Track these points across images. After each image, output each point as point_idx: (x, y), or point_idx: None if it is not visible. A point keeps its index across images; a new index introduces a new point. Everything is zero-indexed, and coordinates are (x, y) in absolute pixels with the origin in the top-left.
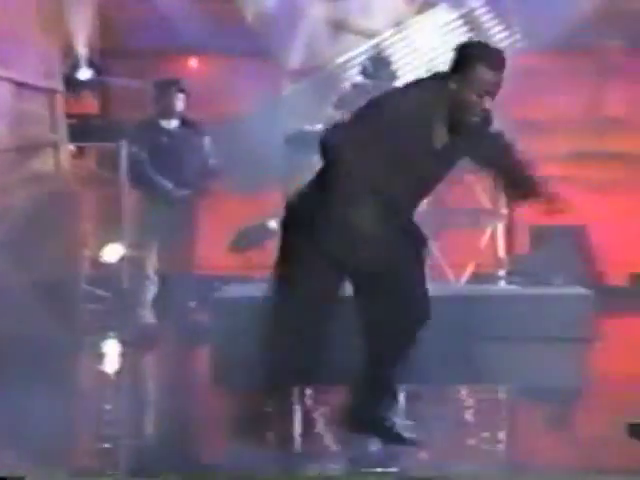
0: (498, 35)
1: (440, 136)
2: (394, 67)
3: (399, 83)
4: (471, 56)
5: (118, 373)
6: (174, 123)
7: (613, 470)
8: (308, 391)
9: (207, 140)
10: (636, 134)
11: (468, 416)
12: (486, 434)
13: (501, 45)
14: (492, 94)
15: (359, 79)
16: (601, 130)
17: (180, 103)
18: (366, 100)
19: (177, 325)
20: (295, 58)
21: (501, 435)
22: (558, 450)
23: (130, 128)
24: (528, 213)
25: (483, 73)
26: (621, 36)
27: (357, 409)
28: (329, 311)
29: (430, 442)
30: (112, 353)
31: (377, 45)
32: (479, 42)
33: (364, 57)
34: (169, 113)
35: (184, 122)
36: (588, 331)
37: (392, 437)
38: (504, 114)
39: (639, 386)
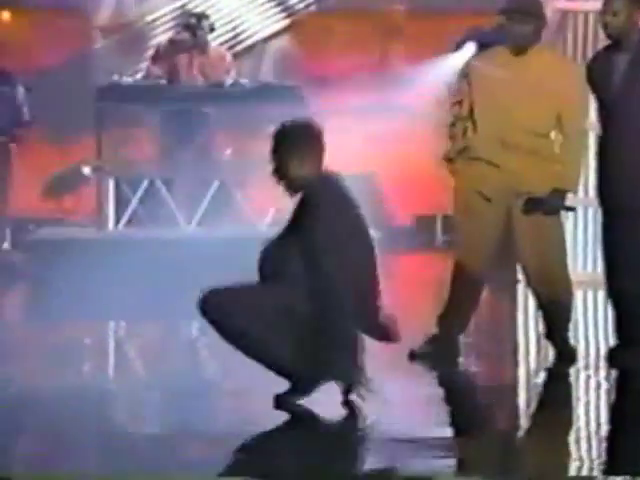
0: None
1: None
2: (212, 21)
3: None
4: None
5: None
6: None
7: None
8: None
9: (20, 90)
10: (415, 89)
11: None
12: None
13: (296, 7)
14: None
15: (175, 36)
16: (384, 85)
17: None
18: None
19: None
20: (104, 15)
21: None
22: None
23: None
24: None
25: None
26: (401, 1)
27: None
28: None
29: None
30: None
31: (183, 5)
32: None
33: (182, 12)
34: None
35: None
36: (379, 268)
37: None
38: (300, 71)
39: (417, 316)
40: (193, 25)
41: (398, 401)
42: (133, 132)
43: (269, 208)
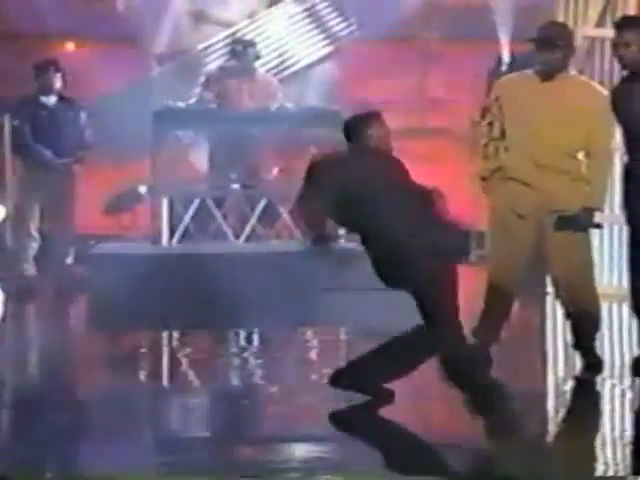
0: (337, 26)
1: None
2: (258, 49)
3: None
4: None
5: (3, 319)
6: (53, 99)
7: None
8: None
9: (83, 115)
10: (453, 113)
11: (312, 355)
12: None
13: (339, 35)
14: None
15: (225, 63)
16: (425, 109)
17: (58, 81)
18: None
19: (56, 278)
20: (160, 44)
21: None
22: None
23: (13, 104)
24: None
25: None
26: (439, 28)
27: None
28: None
29: (280, 378)
30: None
31: (233, 34)
32: None
33: (231, 40)
34: (48, 90)
35: (62, 98)
36: None
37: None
38: (345, 96)
39: None
40: (240, 52)
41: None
42: (186, 154)
43: None
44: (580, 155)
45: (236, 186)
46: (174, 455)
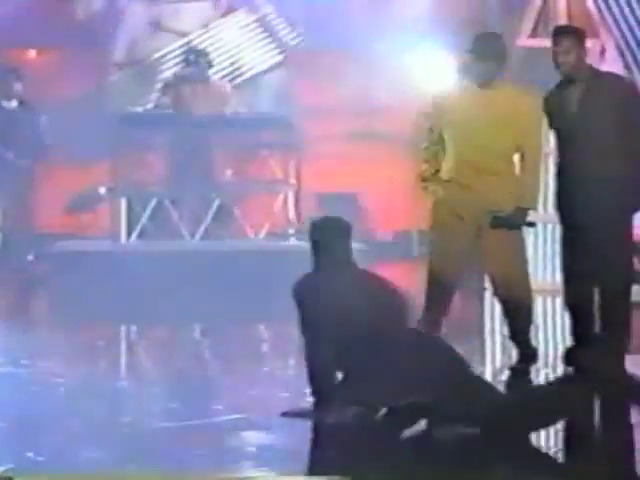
0: (287, 36)
1: None
2: (210, 58)
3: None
4: None
5: None
6: (14, 104)
7: None
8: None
9: (43, 118)
10: (395, 118)
11: (265, 348)
12: (280, 362)
13: (289, 44)
14: None
15: (180, 70)
16: (369, 114)
17: (18, 87)
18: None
19: (18, 274)
20: (119, 51)
21: (291, 362)
22: None
23: None
24: (313, 182)
25: None
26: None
27: None
28: None
29: (235, 370)
30: None
31: (188, 42)
32: None
33: (185, 49)
34: (9, 95)
35: (22, 103)
36: None
37: None
38: (292, 101)
39: None
40: (193, 61)
41: None
42: (143, 156)
43: (264, 223)
44: (515, 158)
45: (191, 187)
46: (131, 443)
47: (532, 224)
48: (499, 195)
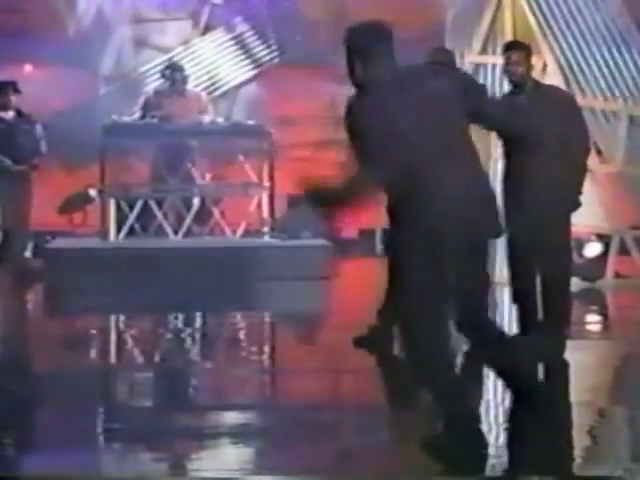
0: (261, 52)
1: None
2: (186, 73)
3: (191, 86)
4: None
5: None
6: (11, 114)
7: None
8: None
9: (38, 127)
10: None
11: (241, 335)
12: (254, 348)
13: (263, 60)
14: None
15: (159, 86)
16: (337, 124)
17: (14, 99)
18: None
19: (15, 269)
20: (107, 66)
21: (266, 348)
22: (308, 352)
23: None
24: (285, 185)
25: None
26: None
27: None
28: None
29: (214, 355)
30: None
31: (170, 58)
32: None
33: (163, 66)
34: (7, 107)
35: (19, 114)
36: (329, 272)
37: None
38: (266, 112)
39: (360, 309)
40: (169, 76)
41: None
42: (130, 161)
43: (241, 222)
44: None
45: (174, 189)
46: (119, 422)
47: None
48: None
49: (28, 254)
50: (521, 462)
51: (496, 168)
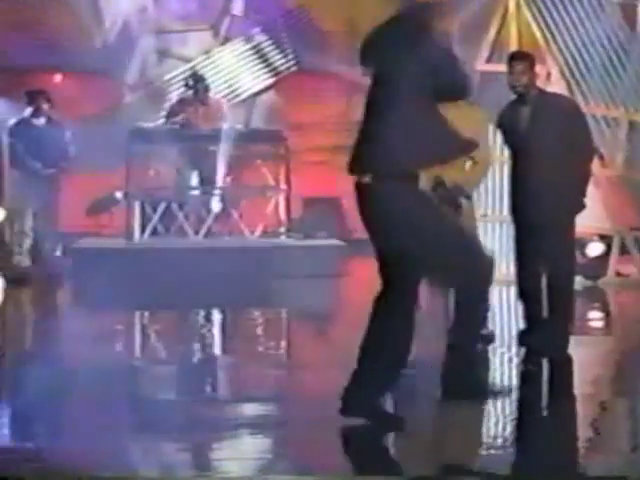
0: (278, 62)
1: None
2: (207, 82)
3: (211, 94)
4: None
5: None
6: (42, 120)
7: None
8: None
9: (67, 133)
10: None
11: (259, 330)
12: (273, 343)
13: (280, 68)
14: None
15: (183, 94)
16: (350, 129)
17: (46, 106)
18: None
19: (47, 267)
20: (132, 75)
21: (283, 344)
22: (320, 344)
23: (9, 125)
24: (301, 188)
25: None
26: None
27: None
28: None
29: (235, 349)
30: None
31: (192, 68)
32: None
33: (185, 75)
34: (38, 113)
35: (50, 120)
36: (342, 270)
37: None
38: (283, 118)
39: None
40: (191, 85)
41: None
42: (154, 165)
43: (259, 223)
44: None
45: (196, 192)
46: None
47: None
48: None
49: (58, 253)
50: (525, 455)
51: (503, 172)
